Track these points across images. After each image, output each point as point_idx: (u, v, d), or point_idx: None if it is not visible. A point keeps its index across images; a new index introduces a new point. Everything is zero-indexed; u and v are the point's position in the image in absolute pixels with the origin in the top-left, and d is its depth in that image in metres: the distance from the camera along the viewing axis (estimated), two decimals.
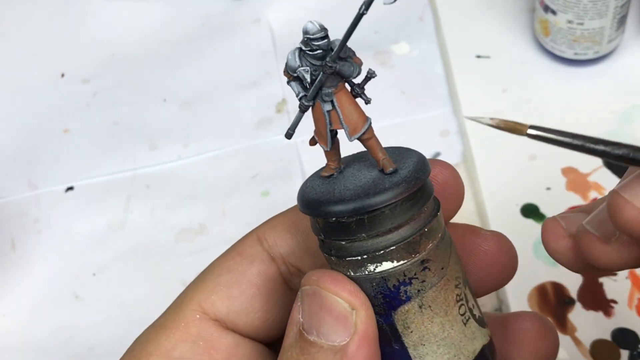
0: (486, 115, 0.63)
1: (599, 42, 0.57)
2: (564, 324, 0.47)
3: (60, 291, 0.54)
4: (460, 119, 0.58)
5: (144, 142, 0.61)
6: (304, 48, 0.26)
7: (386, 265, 0.27)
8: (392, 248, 0.27)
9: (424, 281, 0.27)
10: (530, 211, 0.52)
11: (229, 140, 0.60)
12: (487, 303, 0.49)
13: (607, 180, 0.53)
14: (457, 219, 0.32)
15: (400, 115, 0.59)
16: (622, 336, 0.46)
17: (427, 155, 0.43)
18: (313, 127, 0.28)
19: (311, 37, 0.26)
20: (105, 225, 0.57)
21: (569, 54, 0.58)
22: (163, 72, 0.65)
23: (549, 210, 0.52)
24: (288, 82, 0.28)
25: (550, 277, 0.49)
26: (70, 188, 0.59)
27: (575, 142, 0.25)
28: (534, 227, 0.51)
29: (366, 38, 0.64)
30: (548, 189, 0.53)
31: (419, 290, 0.27)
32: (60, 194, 0.59)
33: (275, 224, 0.33)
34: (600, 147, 0.24)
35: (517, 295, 0.48)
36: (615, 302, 0.48)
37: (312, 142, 0.29)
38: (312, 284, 0.27)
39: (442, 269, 0.27)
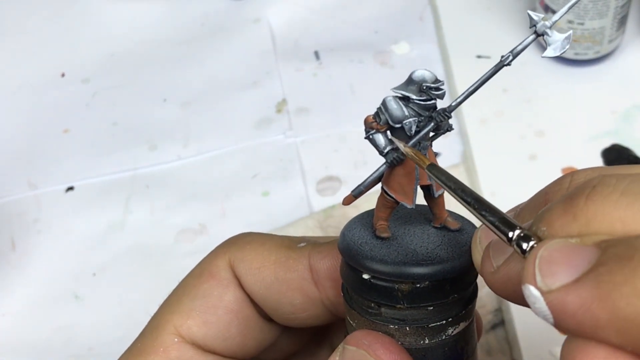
0: (486, 115, 0.63)
1: (600, 42, 0.57)
2: None
3: (60, 291, 0.54)
4: (460, 118, 0.58)
5: (144, 142, 0.61)
6: (414, 97, 0.24)
7: (462, 326, 0.26)
8: (470, 306, 0.26)
9: (473, 337, 0.27)
10: None
11: (229, 140, 0.60)
12: (487, 303, 0.49)
13: None
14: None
15: None
16: None
17: None
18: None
19: (432, 85, 0.24)
20: (105, 225, 0.57)
21: (569, 54, 0.58)
22: (163, 72, 0.65)
23: None
24: (369, 135, 0.25)
25: None
26: (70, 188, 0.59)
27: (457, 194, 0.22)
28: None
29: (366, 38, 0.64)
30: None
31: (474, 349, 0.27)
32: (60, 194, 0.59)
33: (245, 257, 0.32)
34: (474, 206, 0.22)
35: None
36: None
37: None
38: (361, 347, 0.25)
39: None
